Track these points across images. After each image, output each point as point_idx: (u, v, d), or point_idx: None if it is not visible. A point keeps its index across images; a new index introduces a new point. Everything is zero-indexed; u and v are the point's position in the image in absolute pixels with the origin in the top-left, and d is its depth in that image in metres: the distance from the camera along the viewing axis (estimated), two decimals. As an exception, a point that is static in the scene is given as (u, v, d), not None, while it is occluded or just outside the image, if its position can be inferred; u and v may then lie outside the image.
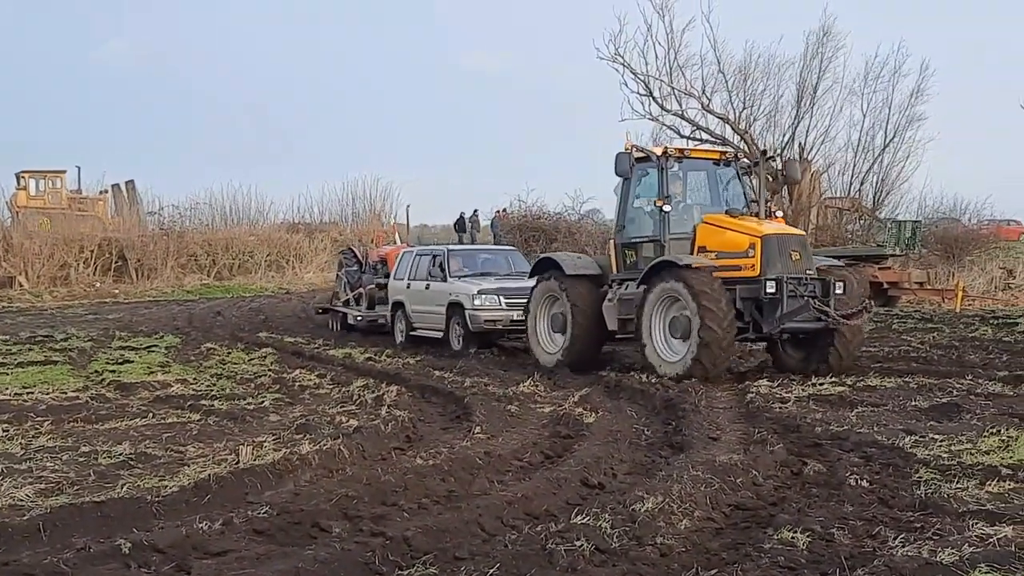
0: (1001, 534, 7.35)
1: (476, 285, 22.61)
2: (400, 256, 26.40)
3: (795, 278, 16.84)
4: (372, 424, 12.57)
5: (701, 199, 19.23)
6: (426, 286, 24.08)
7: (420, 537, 7.43)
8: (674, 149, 18.92)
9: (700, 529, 7.99)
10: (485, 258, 25.64)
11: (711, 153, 20.03)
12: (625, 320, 18.24)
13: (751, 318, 17.11)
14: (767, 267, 16.91)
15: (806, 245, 17.73)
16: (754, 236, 17.18)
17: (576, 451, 11.07)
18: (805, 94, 43.89)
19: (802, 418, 13.00)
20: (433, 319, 23.64)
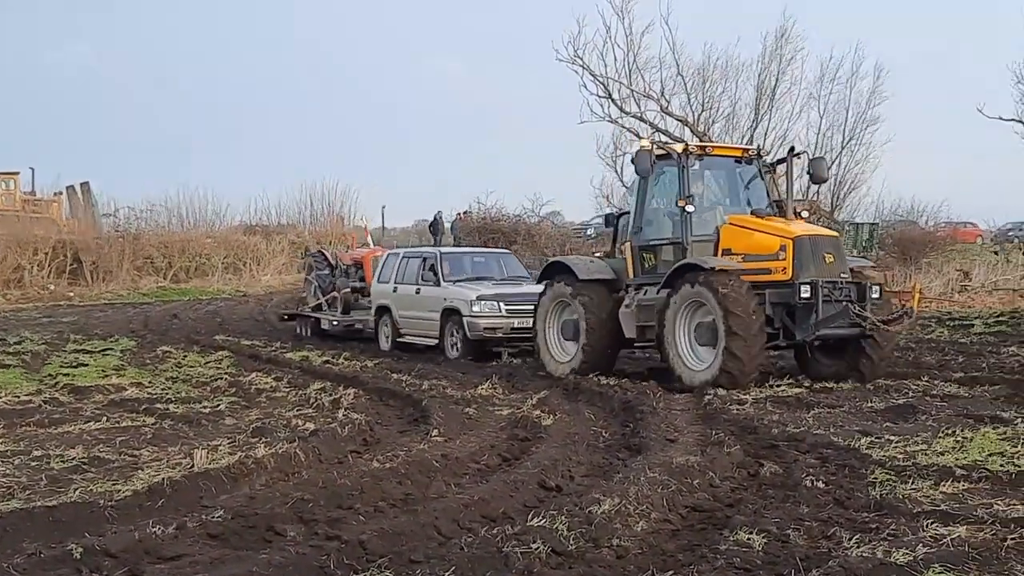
0: (955, 534, 7.39)
1: (474, 290, 21.87)
2: (384, 258, 25.58)
3: (830, 282, 16.03)
4: (329, 427, 12.52)
5: (722, 199, 18.52)
6: (416, 290, 23.22)
7: (376, 541, 7.39)
8: (695, 146, 18.01)
9: (656, 531, 7.99)
10: (478, 261, 24.74)
11: (733, 150, 18.95)
12: (644, 327, 17.43)
13: (781, 324, 16.30)
14: (800, 270, 16.07)
15: (840, 246, 16.98)
16: (785, 237, 16.34)
17: (534, 453, 11.05)
18: (763, 96, 44.14)
19: (759, 419, 13.04)
20: (425, 325, 22.84)
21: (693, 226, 17.19)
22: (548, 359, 18.80)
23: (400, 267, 24.19)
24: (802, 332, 16.03)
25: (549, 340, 18.93)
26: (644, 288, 17.73)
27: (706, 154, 17.83)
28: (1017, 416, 12.80)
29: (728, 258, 16.60)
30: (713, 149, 18.18)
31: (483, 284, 22.51)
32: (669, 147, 17.88)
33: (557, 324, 18.88)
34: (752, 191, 18.09)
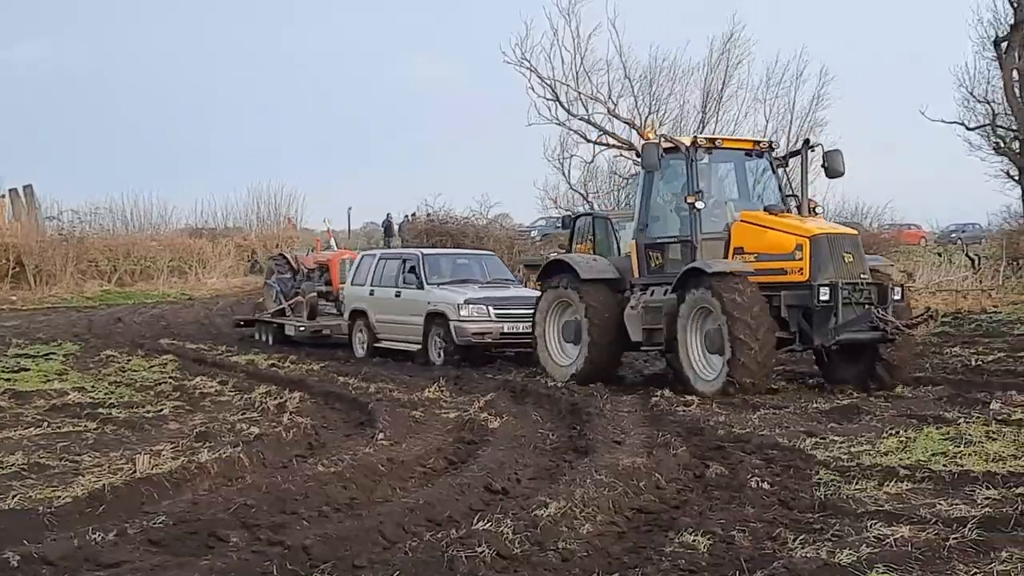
0: (898, 534, 7.43)
1: (461, 294, 20.86)
2: (357, 260, 24.56)
3: (850, 283, 15.20)
4: (274, 431, 12.42)
5: (732, 194, 17.55)
6: (396, 294, 22.15)
7: (319, 546, 7.33)
8: (703, 138, 17.07)
9: (602, 533, 7.97)
10: (461, 263, 23.66)
11: (743, 143, 18.04)
12: (651, 330, 16.59)
13: (798, 328, 15.45)
14: (818, 271, 15.17)
15: (859, 245, 15.98)
16: (802, 236, 15.46)
17: (480, 456, 10.99)
18: (710, 99, 44.29)
19: (705, 421, 13.09)
20: (406, 330, 21.78)
21: (703, 223, 16.35)
22: (548, 362, 18.09)
23: (377, 269, 23.12)
24: (820, 336, 15.25)
25: (549, 343, 18.19)
26: (650, 288, 16.97)
27: (715, 147, 17.02)
28: (960, 416, 12.92)
29: (740, 257, 15.90)
30: (723, 142, 17.42)
31: (469, 287, 21.53)
32: (676, 140, 17.10)
33: (558, 326, 18.12)
34: (764, 186, 17.46)
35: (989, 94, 38.24)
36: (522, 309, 19.68)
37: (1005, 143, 37.73)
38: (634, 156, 43.89)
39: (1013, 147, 37.41)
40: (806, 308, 15.28)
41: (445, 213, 46.21)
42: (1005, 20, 37.50)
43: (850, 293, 15.10)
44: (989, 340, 22.26)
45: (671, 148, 16.78)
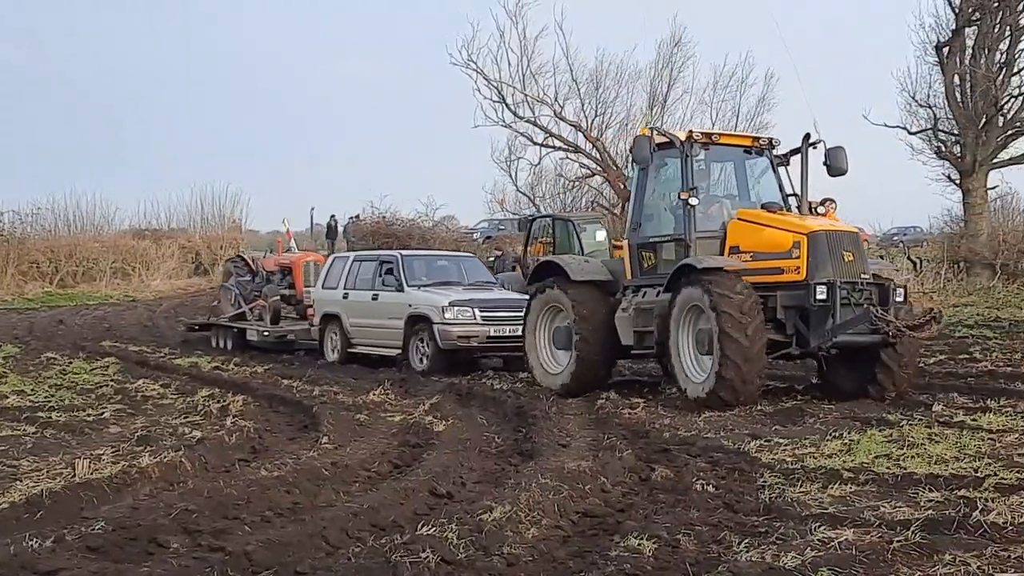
0: (842, 537, 7.44)
1: (445, 296, 20.12)
2: (329, 263, 23.73)
3: (849, 283, 14.48)
4: (216, 435, 12.32)
5: (730, 192, 16.83)
6: (373, 296, 21.39)
7: (261, 551, 7.23)
8: (700, 133, 16.12)
9: (547, 537, 7.93)
10: (441, 265, 22.95)
11: (741, 139, 17.15)
12: (643, 333, 15.80)
13: (795, 330, 14.73)
14: (815, 270, 14.46)
15: (860, 244, 15.23)
16: (799, 233, 14.72)
17: (425, 460, 10.95)
18: (656, 103, 44.46)
19: (651, 424, 13.12)
20: (384, 335, 21.02)
21: (698, 221, 15.63)
22: (539, 371, 17.20)
23: (350, 272, 22.33)
24: (817, 338, 14.46)
25: (540, 349, 17.34)
26: (643, 290, 16.21)
27: (712, 143, 16.13)
28: (903, 418, 13.02)
29: (737, 256, 15.18)
30: (719, 138, 16.41)
31: (452, 289, 20.83)
32: (670, 134, 16.18)
33: (548, 331, 17.30)
34: (763, 184, 16.68)
35: (931, 98, 38.56)
36: (509, 312, 19.26)
37: (946, 147, 38.04)
38: (580, 158, 44.05)
39: (954, 151, 37.73)
40: (803, 309, 14.60)
41: (391, 215, 46.13)
42: (947, 25, 37.83)
43: (849, 293, 14.43)
44: (931, 343, 22.41)
45: (665, 143, 16.07)
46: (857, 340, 14.51)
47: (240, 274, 27.28)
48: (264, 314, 25.07)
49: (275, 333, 24.52)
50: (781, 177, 16.52)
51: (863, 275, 14.72)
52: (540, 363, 17.23)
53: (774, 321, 14.70)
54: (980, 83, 36.44)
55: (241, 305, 26.14)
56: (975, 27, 37.34)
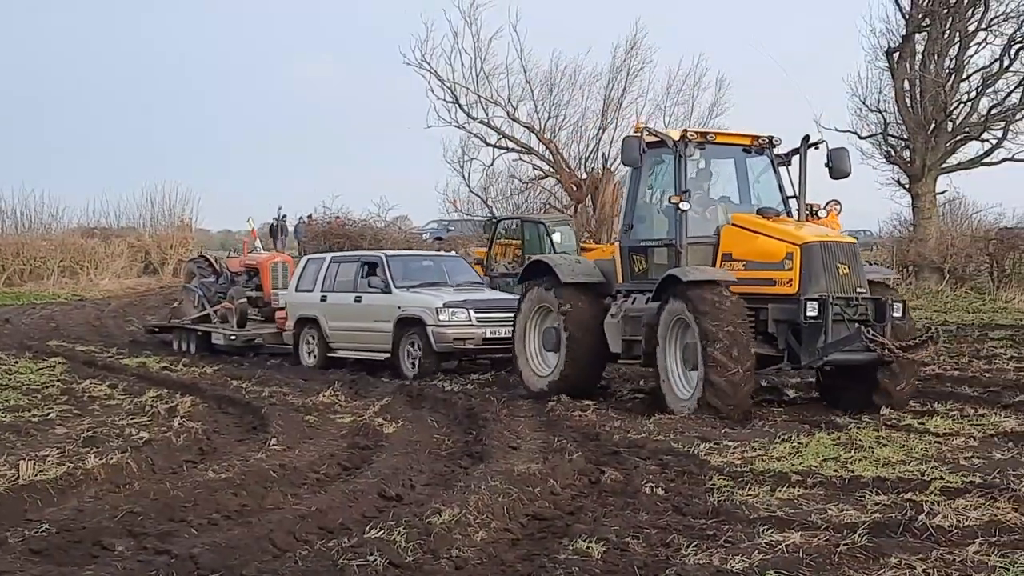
0: (789, 540, 7.48)
1: (438, 297, 19.40)
2: (303, 264, 22.84)
3: (843, 298, 13.70)
4: (163, 436, 12.19)
5: (727, 194, 15.91)
6: (356, 299, 20.57)
7: (207, 554, 7.19)
8: (695, 132, 15.25)
9: (496, 540, 7.92)
10: (426, 266, 22.08)
11: (739, 138, 15.90)
12: (631, 341, 15.11)
13: (786, 345, 14.02)
14: (807, 283, 13.69)
15: (857, 255, 14.40)
16: (792, 244, 13.96)
17: (374, 462, 10.91)
18: (610, 106, 44.49)
19: (601, 426, 13.11)
20: (370, 339, 20.26)
21: (692, 226, 14.81)
22: (527, 372, 16.58)
23: (328, 274, 21.49)
24: (807, 356, 13.73)
25: (529, 351, 16.68)
26: (633, 296, 15.54)
27: (708, 142, 15.27)
28: (851, 422, 13.12)
29: (728, 264, 14.50)
30: (716, 137, 15.57)
31: (442, 290, 20.10)
32: (662, 134, 15.35)
33: (538, 333, 16.60)
34: (763, 186, 15.79)
35: (881, 103, 38.93)
36: (504, 312, 18.46)
37: (896, 152, 38.39)
38: (534, 160, 44.06)
39: (904, 156, 38.09)
40: (795, 324, 13.83)
41: (343, 215, 45.99)
42: (897, 31, 38.20)
43: (843, 308, 13.63)
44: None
45: (657, 143, 15.30)
46: (851, 359, 13.85)
47: (204, 275, 26.22)
48: (230, 317, 24.08)
49: (243, 337, 23.71)
50: (782, 178, 15.70)
51: (859, 289, 13.94)
52: (529, 364, 16.63)
53: (765, 335, 14.11)
54: (929, 88, 36.82)
55: (205, 307, 25.17)
56: (925, 33, 37.73)
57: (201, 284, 25.95)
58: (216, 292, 25.29)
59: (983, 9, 37.22)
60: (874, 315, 13.82)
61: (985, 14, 37.25)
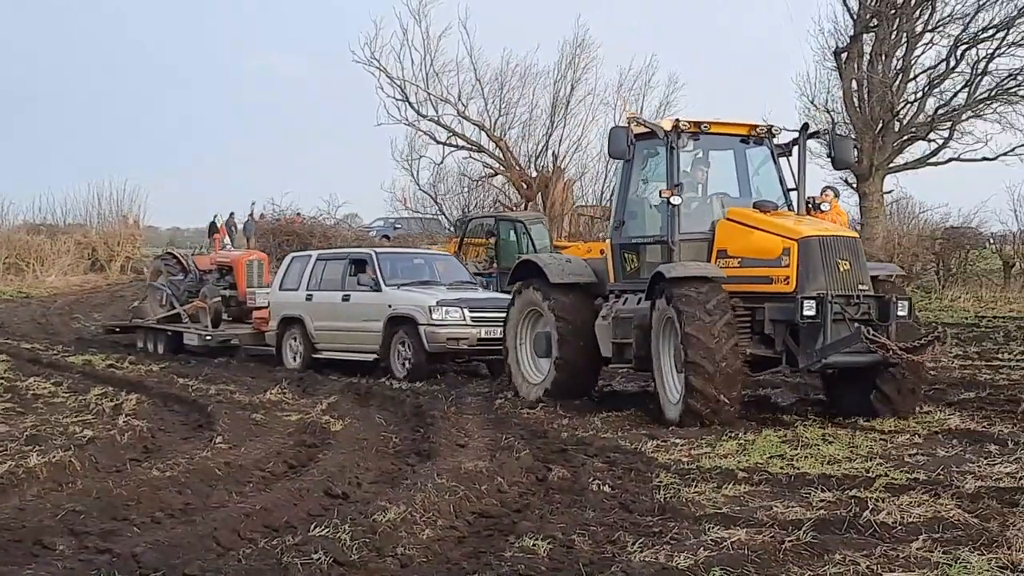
0: (735, 537, 7.49)
1: (431, 295, 18.74)
2: (287, 262, 21.90)
3: (843, 296, 12.80)
4: (108, 434, 12.09)
5: (726, 188, 14.93)
6: (344, 297, 19.86)
7: (150, 553, 7.10)
8: (688, 122, 14.25)
9: (442, 538, 7.88)
10: (417, 263, 21.43)
11: (736, 127, 14.95)
12: (622, 345, 14.25)
13: (784, 347, 13.11)
14: (805, 281, 12.82)
15: (859, 250, 13.46)
16: (789, 239, 13.10)
17: (321, 460, 10.85)
18: (559, 104, 44.57)
19: (549, 424, 13.14)
20: (359, 339, 19.53)
21: (686, 221, 14.06)
22: (519, 380, 15.77)
23: (313, 272, 20.73)
24: (805, 358, 12.81)
25: (521, 358, 15.89)
26: (624, 296, 14.68)
27: (702, 132, 14.34)
28: (797, 419, 13.20)
29: (723, 261, 13.66)
30: (711, 127, 14.50)
31: (435, 288, 19.44)
32: (651, 124, 14.58)
33: (530, 338, 15.76)
34: (763, 179, 14.91)
35: (829, 103, 39.23)
36: (500, 312, 17.28)
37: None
38: (484, 158, 44.02)
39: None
40: (793, 324, 12.92)
41: (293, 212, 45.78)
42: (845, 31, 38.49)
43: (843, 307, 12.72)
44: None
45: (646, 134, 14.50)
46: (852, 360, 13.00)
47: (172, 273, 25.12)
48: (203, 316, 23.23)
49: (218, 337, 22.90)
50: (782, 169, 14.81)
51: (861, 286, 13.01)
52: (521, 372, 15.84)
53: (761, 335, 13.27)
54: (877, 88, 37.13)
55: (175, 306, 24.14)
56: (873, 33, 38.02)
57: (170, 282, 24.93)
58: (185, 291, 24.36)
59: (930, 10, 37.60)
60: (877, 314, 12.97)
61: (932, 15, 37.65)
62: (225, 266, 24.24)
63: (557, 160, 43.16)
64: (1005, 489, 9.17)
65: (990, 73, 37.97)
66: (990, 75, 37.97)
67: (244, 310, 23.36)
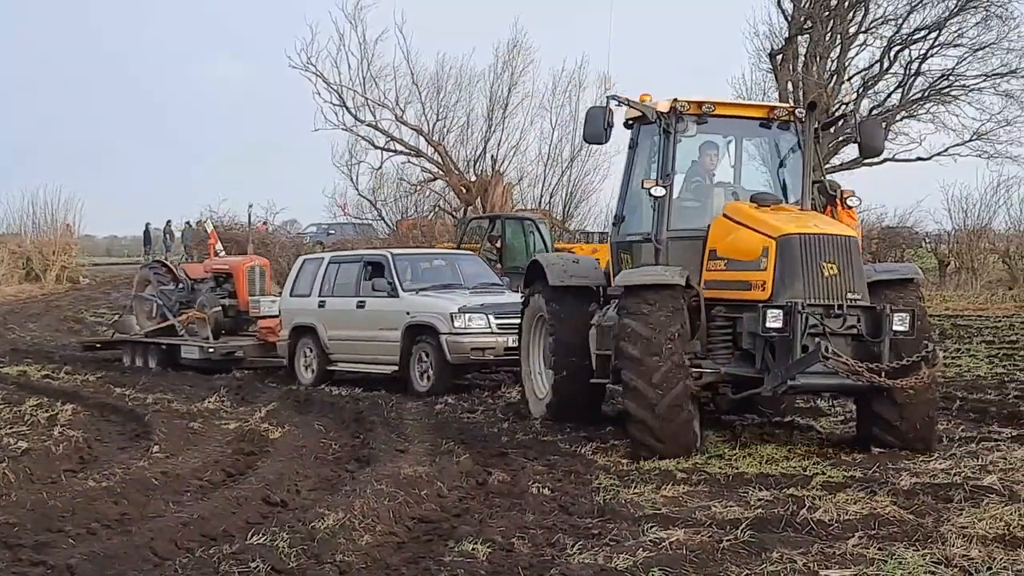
0: (673, 537, 7.54)
1: (452, 301, 16.83)
2: (299, 265, 20.22)
3: (821, 305, 10.75)
4: (43, 445, 11.90)
5: (749, 181, 12.93)
6: (358, 304, 18.08)
7: (85, 564, 7.04)
8: (688, 103, 12.30)
9: (381, 544, 7.86)
10: (437, 265, 19.52)
11: (752, 109, 13.23)
12: (603, 357, 12.41)
13: (763, 364, 11.11)
14: (780, 286, 10.86)
15: (852, 252, 11.16)
16: (769, 237, 11.10)
17: (259, 468, 10.79)
18: (496, 107, 44.63)
19: (489, 428, 13.14)
20: (375, 349, 17.79)
21: (686, 218, 12.39)
22: (531, 396, 14.20)
23: (326, 276, 19.01)
24: (770, 380, 10.88)
25: (532, 368, 14.31)
26: (613, 301, 12.64)
27: (707, 115, 12.41)
28: (735, 419, 13.25)
29: (713, 263, 11.78)
30: (719, 108, 12.56)
31: (457, 292, 17.62)
32: (640, 106, 12.62)
33: (539, 348, 14.20)
34: (789, 168, 12.88)
35: (765, 105, 39.61)
36: None
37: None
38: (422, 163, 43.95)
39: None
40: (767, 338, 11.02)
41: (230, 219, 45.50)
42: (780, 34, 38.89)
43: (822, 319, 10.71)
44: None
45: (639, 116, 12.81)
46: (823, 384, 11.18)
47: (162, 282, 23.18)
48: (201, 328, 21.55)
49: (221, 350, 20.92)
50: (808, 158, 12.66)
51: (851, 294, 10.88)
52: (532, 387, 14.27)
53: (741, 351, 11.44)
54: (812, 90, 37.47)
55: (168, 317, 22.33)
56: (807, 35, 38.42)
57: (160, 292, 23.02)
58: (176, 301, 22.67)
59: (863, 12, 38.09)
60: (868, 328, 10.89)
61: (865, 17, 38.16)
62: (222, 273, 22.56)
63: (496, 164, 43.18)
64: (940, 485, 9.32)
65: (923, 74, 38.64)
66: (923, 76, 38.63)
67: (241, 320, 21.96)
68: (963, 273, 36.77)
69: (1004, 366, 17.81)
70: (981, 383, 15.79)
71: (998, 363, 18.06)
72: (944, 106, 38.79)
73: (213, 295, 21.95)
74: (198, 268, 23.83)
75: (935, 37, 37.96)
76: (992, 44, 37.99)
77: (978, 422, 12.65)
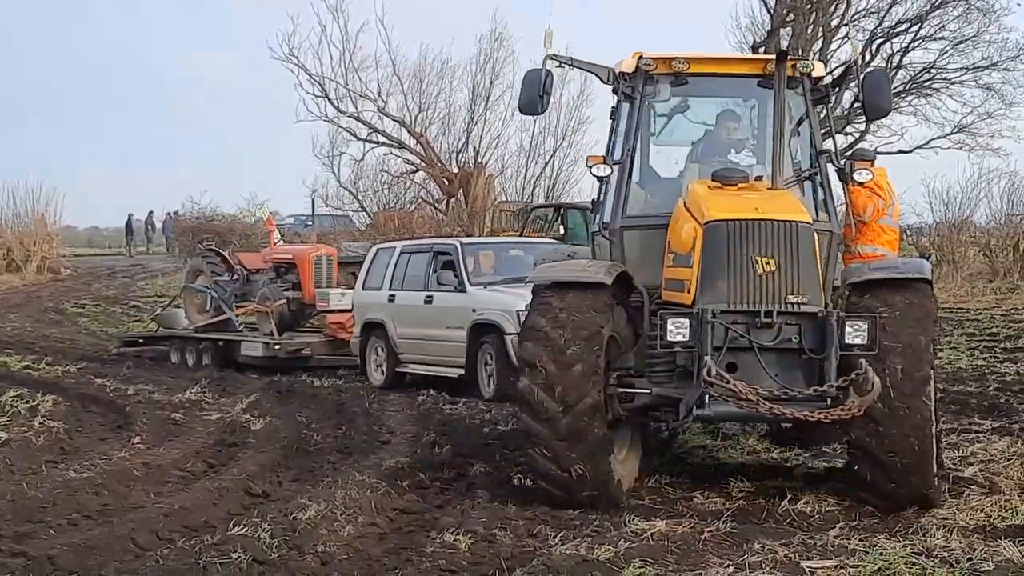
0: (655, 528, 7.57)
1: (520, 297, 13.28)
2: (372, 255, 18.26)
3: (743, 312, 8.41)
4: (23, 436, 11.89)
5: (741, 151, 10.60)
6: (426, 299, 16.31)
7: (66, 555, 7.04)
8: (655, 59, 9.89)
9: (363, 535, 7.87)
10: (514, 255, 17.07)
11: (743, 64, 10.97)
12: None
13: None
14: (703, 287, 8.62)
15: (798, 244, 8.61)
16: (699, 223, 8.88)
17: (241, 459, 10.79)
18: (478, 98, 44.53)
19: (471, 419, 13.13)
20: (441, 349, 16.06)
21: (658, 201, 10.30)
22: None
23: (397, 267, 17.20)
24: (680, 408, 8.55)
25: None
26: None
27: (686, 74, 9.92)
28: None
29: (668, 257, 9.46)
30: (691, 64, 9.91)
31: (527, 287, 14.51)
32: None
33: None
34: (800, 138, 10.41)
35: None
36: None
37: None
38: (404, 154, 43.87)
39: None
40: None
41: (212, 211, 45.37)
42: (762, 26, 38.86)
43: (748, 330, 8.38)
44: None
45: (652, 76, 10.04)
46: (739, 414, 8.47)
47: (217, 273, 21.20)
48: (264, 323, 19.76)
49: (288, 347, 18.91)
50: (816, 124, 10.25)
51: (791, 297, 8.46)
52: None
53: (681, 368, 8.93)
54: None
55: (224, 311, 20.57)
56: (790, 28, 38.43)
57: (214, 284, 21.07)
58: (232, 293, 20.87)
59: (845, 5, 38.11)
60: (813, 339, 8.35)
61: (847, 10, 38.16)
62: (284, 263, 20.65)
63: (478, 156, 43.11)
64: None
65: (905, 67, 38.65)
66: (905, 68, 38.64)
67: (303, 315, 20.58)
68: (944, 266, 36.84)
69: (985, 358, 17.83)
70: (962, 375, 15.81)
71: (979, 355, 18.08)
72: (926, 99, 38.89)
73: (275, 287, 20.19)
74: (255, 257, 21.85)
75: (916, 30, 38.07)
76: (973, 37, 38.12)
77: (959, 414, 12.65)
